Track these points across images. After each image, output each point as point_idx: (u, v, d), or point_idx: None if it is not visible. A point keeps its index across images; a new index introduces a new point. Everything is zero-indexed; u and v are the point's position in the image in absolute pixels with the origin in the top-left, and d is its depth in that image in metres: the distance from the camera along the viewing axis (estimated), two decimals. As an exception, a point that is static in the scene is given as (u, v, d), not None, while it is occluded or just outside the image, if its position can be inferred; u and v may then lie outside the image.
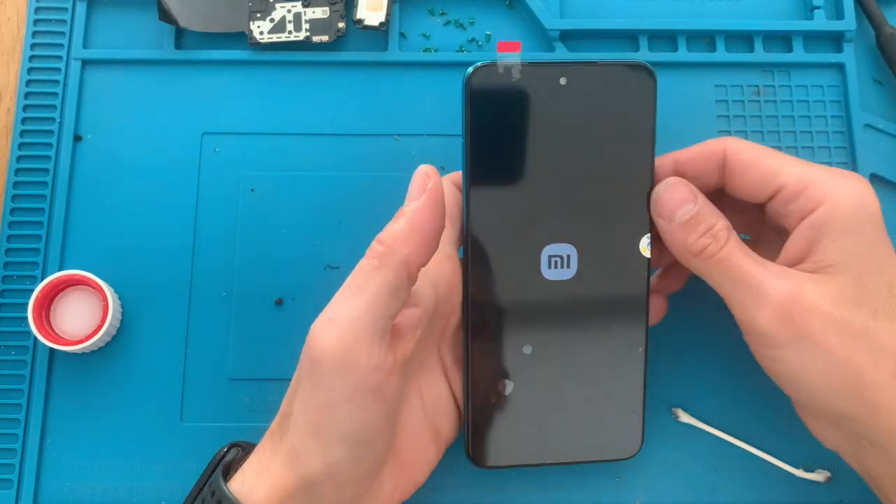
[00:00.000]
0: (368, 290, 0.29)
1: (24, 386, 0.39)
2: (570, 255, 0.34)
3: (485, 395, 0.35)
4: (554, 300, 0.34)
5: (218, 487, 0.31)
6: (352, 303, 0.30)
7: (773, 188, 0.32)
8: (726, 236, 0.32)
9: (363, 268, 0.30)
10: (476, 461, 0.35)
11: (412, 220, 0.30)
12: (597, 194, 0.34)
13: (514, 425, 0.35)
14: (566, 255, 0.34)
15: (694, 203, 0.32)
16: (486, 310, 0.34)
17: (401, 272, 0.30)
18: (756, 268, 0.31)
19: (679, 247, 0.33)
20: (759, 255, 0.32)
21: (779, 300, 0.30)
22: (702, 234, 0.32)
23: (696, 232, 0.32)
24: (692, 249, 0.32)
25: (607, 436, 0.36)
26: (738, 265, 0.31)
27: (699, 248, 0.32)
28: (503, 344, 0.35)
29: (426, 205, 0.30)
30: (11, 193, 0.41)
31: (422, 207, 0.30)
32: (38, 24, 0.43)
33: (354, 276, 0.30)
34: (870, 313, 0.30)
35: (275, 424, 0.32)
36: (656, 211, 0.33)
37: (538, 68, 0.33)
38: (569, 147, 0.33)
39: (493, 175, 0.33)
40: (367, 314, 0.29)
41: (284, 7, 0.43)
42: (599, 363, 0.35)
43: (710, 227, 0.32)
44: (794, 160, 0.33)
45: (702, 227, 0.32)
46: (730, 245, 0.32)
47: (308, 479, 0.30)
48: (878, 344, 0.30)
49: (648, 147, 0.34)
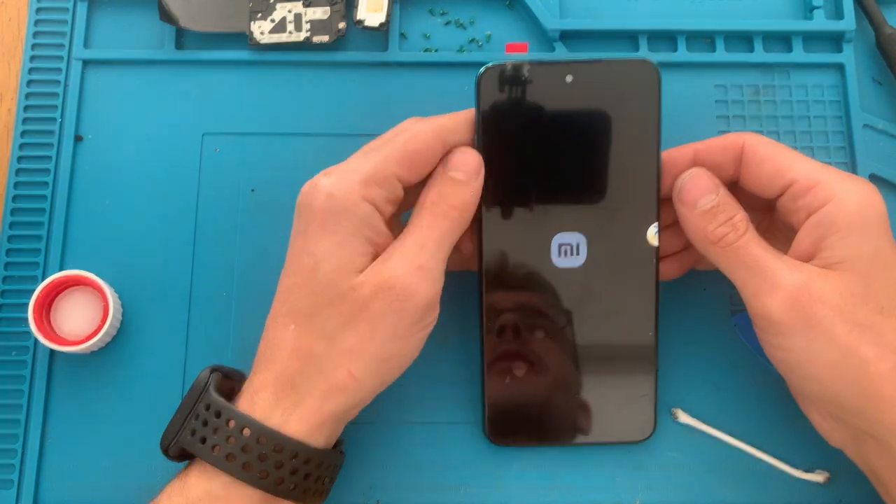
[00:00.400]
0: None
1: (25, 386, 0.39)
2: (580, 244, 0.36)
3: (500, 378, 0.37)
4: (564, 287, 0.36)
5: (213, 402, 0.32)
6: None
7: (785, 183, 0.33)
8: (745, 227, 0.33)
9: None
10: (493, 439, 0.38)
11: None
12: (605, 186, 0.35)
13: (528, 407, 0.37)
14: (576, 244, 0.35)
15: (716, 193, 0.34)
16: (500, 296, 0.36)
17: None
18: (770, 258, 0.32)
19: (699, 234, 0.34)
20: None
21: (790, 289, 0.31)
22: (721, 223, 0.33)
23: (717, 221, 0.33)
24: (711, 237, 0.33)
25: (619, 419, 0.37)
26: (754, 254, 0.32)
27: (718, 237, 0.33)
28: (516, 329, 0.36)
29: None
30: (12, 193, 0.41)
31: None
32: (38, 24, 0.43)
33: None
34: (876, 309, 0.31)
35: (285, 376, 0.32)
36: (679, 198, 0.34)
37: (545, 67, 0.34)
38: (577, 141, 0.35)
39: (504, 170, 0.35)
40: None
41: (285, 7, 0.43)
42: (610, 348, 0.37)
43: (730, 217, 0.33)
44: (807, 159, 0.34)
45: (722, 216, 0.33)
46: (747, 235, 0.33)
47: (362, 401, 0.33)
48: (883, 338, 0.31)
49: (654, 140, 0.35)
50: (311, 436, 0.32)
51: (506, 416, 0.37)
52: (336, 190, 0.32)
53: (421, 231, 0.32)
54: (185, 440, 0.32)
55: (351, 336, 0.31)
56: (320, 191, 0.32)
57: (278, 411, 0.31)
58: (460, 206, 0.33)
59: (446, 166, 0.33)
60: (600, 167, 0.35)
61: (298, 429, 0.31)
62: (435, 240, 0.32)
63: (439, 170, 0.34)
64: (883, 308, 0.31)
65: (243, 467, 0.31)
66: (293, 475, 0.31)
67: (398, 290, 0.31)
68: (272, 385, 0.32)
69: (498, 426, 0.38)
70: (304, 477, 0.32)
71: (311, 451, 0.31)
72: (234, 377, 0.34)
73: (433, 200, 0.33)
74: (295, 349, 0.32)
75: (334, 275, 0.31)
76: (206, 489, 0.31)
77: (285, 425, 0.31)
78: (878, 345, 0.30)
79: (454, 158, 0.34)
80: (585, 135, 0.35)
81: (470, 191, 0.33)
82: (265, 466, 0.31)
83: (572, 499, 0.38)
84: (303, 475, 0.32)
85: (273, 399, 0.32)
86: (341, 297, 0.31)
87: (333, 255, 0.31)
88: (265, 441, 0.31)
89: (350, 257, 0.31)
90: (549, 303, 0.36)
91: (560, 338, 0.36)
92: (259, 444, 0.31)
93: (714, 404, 0.39)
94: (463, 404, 0.39)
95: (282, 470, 0.31)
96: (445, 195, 0.33)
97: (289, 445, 0.31)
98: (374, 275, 0.31)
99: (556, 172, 0.35)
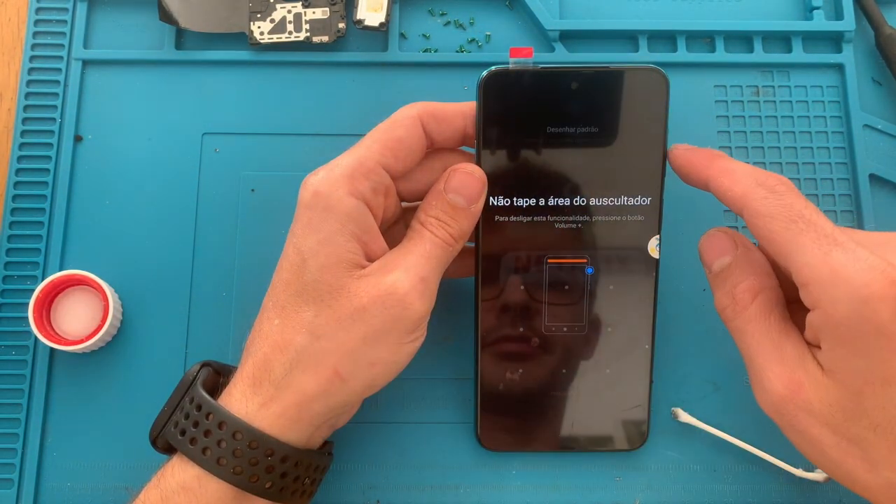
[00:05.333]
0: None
1: (25, 386, 0.39)
2: (580, 253, 0.35)
3: (494, 384, 0.37)
4: (563, 295, 0.35)
5: (197, 396, 0.32)
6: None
7: (784, 266, 0.30)
8: (748, 300, 0.30)
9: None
10: (485, 445, 0.38)
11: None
12: (607, 194, 0.34)
13: (522, 413, 0.37)
14: (576, 253, 0.35)
15: (731, 255, 0.32)
16: (497, 301, 0.36)
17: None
18: (766, 348, 0.30)
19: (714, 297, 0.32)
20: (791, 318, 0.31)
21: (777, 395, 0.29)
22: (725, 293, 0.31)
23: (721, 290, 0.32)
24: (716, 306, 0.32)
25: (612, 428, 0.37)
26: (749, 342, 0.30)
27: (720, 308, 0.32)
28: (512, 336, 0.36)
29: None
30: (12, 193, 0.41)
31: None
32: (38, 24, 0.43)
33: None
34: (869, 426, 0.28)
35: (264, 369, 0.32)
36: (701, 258, 0.33)
37: (550, 73, 0.33)
38: (579, 149, 0.34)
39: (505, 176, 0.34)
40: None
41: (285, 7, 0.43)
42: (606, 358, 0.36)
43: (734, 286, 0.31)
44: (809, 238, 0.28)
45: (727, 284, 0.31)
46: (749, 312, 0.30)
47: (346, 402, 0.32)
48: (873, 456, 0.28)
49: (659, 150, 0.34)
50: (290, 433, 0.31)
51: (498, 423, 0.37)
52: (321, 187, 0.32)
53: (423, 244, 0.32)
54: (169, 433, 0.32)
55: (342, 335, 0.31)
56: (307, 189, 0.32)
57: (254, 405, 0.31)
58: (458, 235, 0.33)
59: (447, 186, 0.33)
60: (604, 176, 0.34)
61: (275, 424, 0.31)
62: (437, 257, 0.32)
63: (440, 188, 0.33)
64: (877, 426, 0.28)
65: (217, 462, 0.31)
66: (269, 473, 0.31)
67: (399, 296, 0.31)
68: (251, 378, 0.32)
69: (490, 432, 0.37)
70: (282, 475, 0.31)
71: (288, 449, 0.31)
72: (224, 372, 0.34)
73: (434, 218, 0.33)
74: (277, 343, 0.32)
75: (323, 272, 0.31)
76: (180, 481, 0.31)
77: (262, 420, 0.31)
78: (867, 460, 0.28)
79: (455, 179, 0.33)
80: (589, 143, 0.34)
81: (470, 216, 0.33)
82: (239, 462, 0.30)
83: (572, 499, 0.38)
84: (279, 473, 0.31)
85: (251, 392, 0.31)
86: (332, 295, 0.31)
87: (320, 253, 0.31)
88: (241, 437, 0.30)
89: (337, 254, 0.31)
90: (546, 311, 0.36)
91: (555, 347, 0.36)
92: (235, 439, 0.30)
93: (714, 404, 0.39)
94: (463, 405, 0.39)
95: (257, 467, 0.31)
96: (445, 219, 0.33)
97: (265, 442, 0.31)
98: (377, 280, 0.31)
99: (558, 179, 0.34)
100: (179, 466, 0.31)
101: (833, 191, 0.42)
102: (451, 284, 0.36)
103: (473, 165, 0.34)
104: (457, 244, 0.33)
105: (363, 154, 0.32)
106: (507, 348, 0.36)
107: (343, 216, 0.31)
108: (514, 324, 0.36)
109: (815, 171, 0.42)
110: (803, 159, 0.42)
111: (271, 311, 0.32)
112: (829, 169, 0.42)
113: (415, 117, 0.33)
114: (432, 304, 0.32)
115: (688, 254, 0.40)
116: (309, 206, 0.32)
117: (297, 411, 0.31)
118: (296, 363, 0.31)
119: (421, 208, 0.33)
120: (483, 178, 0.33)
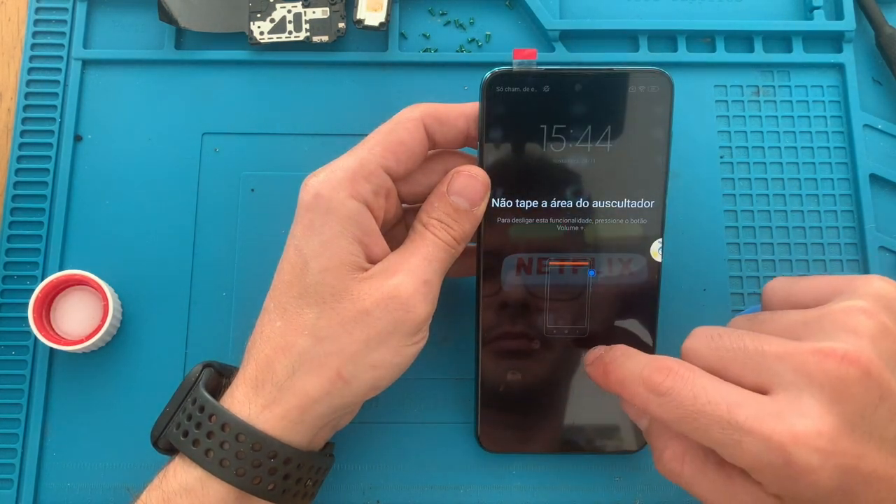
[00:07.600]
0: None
1: (24, 386, 0.39)
2: (583, 256, 0.35)
3: (494, 385, 0.37)
4: (564, 297, 0.35)
5: (200, 397, 0.32)
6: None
7: None
8: (678, 467, 0.30)
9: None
10: (484, 446, 0.38)
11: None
12: (610, 198, 0.34)
13: (521, 415, 0.37)
14: (578, 256, 0.35)
15: (646, 418, 0.32)
16: (498, 302, 0.35)
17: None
18: (721, 499, 0.29)
19: None
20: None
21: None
22: (657, 458, 0.31)
23: (653, 451, 0.31)
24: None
25: (611, 430, 0.37)
26: (703, 496, 0.29)
27: (658, 469, 0.31)
28: (513, 337, 0.36)
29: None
30: (12, 193, 0.41)
31: None
32: (38, 24, 0.43)
33: None
34: None
35: (266, 371, 0.32)
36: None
37: (554, 74, 0.33)
38: (582, 152, 0.34)
39: (507, 177, 0.34)
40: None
41: (284, 7, 0.43)
42: None
43: (661, 454, 0.31)
44: (716, 431, 0.27)
45: (655, 449, 0.31)
46: (686, 476, 0.30)
47: (348, 404, 0.32)
48: None
49: (663, 154, 0.34)
50: (292, 435, 0.31)
51: (498, 424, 0.37)
52: (322, 189, 0.32)
53: (426, 246, 0.32)
54: (171, 434, 0.32)
55: (344, 338, 0.31)
56: (308, 191, 0.32)
57: (257, 407, 0.31)
58: (460, 237, 0.33)
59: (450, 188, 0.33)
60: (607, 178, 0.34)
61: (278, 426, 0.31)
62: (440, 260, 0.32)
63: (443, 190, 0.33)
64: None
65: (220, 463, 0.31)
66: (271, 475, 0.31)
67: (403, 300, 0.31)
68: (253, 380, 0.32)
69: (490, 434, 0.37)
70: (284, 477, 0.31)
71: (290, 451, 0.31)
72: (226, 373, 0.34)
73: (437, 220, 0.33)
74: (279, 345, 0.32)
75: (324, 274, 0.31)
76: (182, 483, 0.31)
77: (265, 422, 0.31)
78: None
79: (459, 181, 0.33)
80: (592, 146, 0.34)
81: (473, 218, 0.33)
82: (242, 464, 0.30)
83: (572, 499, 0.38)
84: (282, 475, 0.31)
85: (253, 394, 0.31)
86: (334, 297, 0.31)
87: (321, 255, 0.31)
88: (244, 439, 0.30)
89: (339, 256, 0.31)
90: (548, 313, 0.36)
91: (556, 348, 0.36)
92: (238, 441, 0.30)
93: (714, 404, 0.39)
94: (463, 405, 0.39)
95: (260, 469, 0.31)
96: (447, 221, 0.33)
97: (267, 444, 0.31)
98: (380, 283, 0.31)
99: (561, 182, 0.34)
100: (181, 468, 0.31)
101: (833, 191, 0.42)
102: (451, 284, 0.36)
103: (477, 168, 0.34)
104: (459, 246, 0.33)
105: (364, 156, 0.32)
106: (508, 349, 0.36)
107: (344, 219, 0.31)
108: (514, 325, 0.36)
109: (816, 171, 0.42)
110: (803, 159, 0.42)
111: (273, 312, 0.32)
112: (830, 169, 0.42)
113: (417, 120, 0.33)
114: (435, 307, 0.32)
115: (688, 254, 0.40)
116: (310, 208, 0.32)
117: (300, 413, 0.31)
118: (298, 365, 0.31)
119: (423, 210, 0.33)
120: (486, 181, 0.33)
